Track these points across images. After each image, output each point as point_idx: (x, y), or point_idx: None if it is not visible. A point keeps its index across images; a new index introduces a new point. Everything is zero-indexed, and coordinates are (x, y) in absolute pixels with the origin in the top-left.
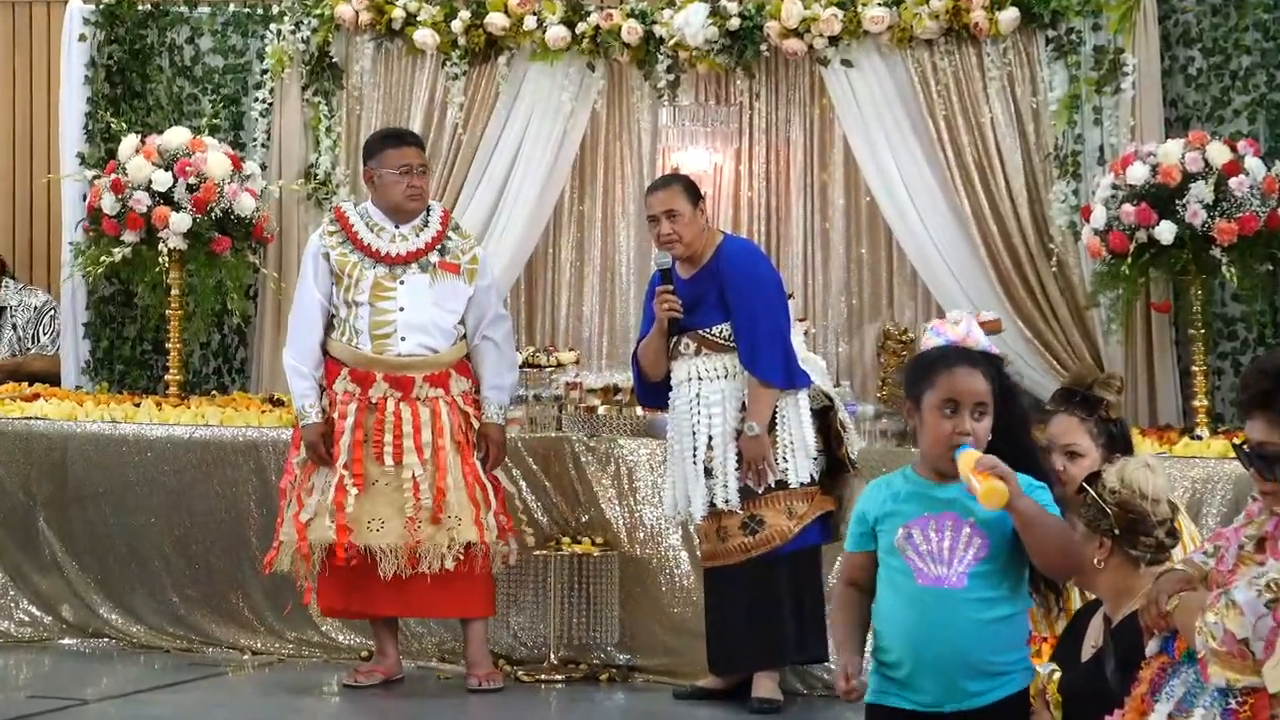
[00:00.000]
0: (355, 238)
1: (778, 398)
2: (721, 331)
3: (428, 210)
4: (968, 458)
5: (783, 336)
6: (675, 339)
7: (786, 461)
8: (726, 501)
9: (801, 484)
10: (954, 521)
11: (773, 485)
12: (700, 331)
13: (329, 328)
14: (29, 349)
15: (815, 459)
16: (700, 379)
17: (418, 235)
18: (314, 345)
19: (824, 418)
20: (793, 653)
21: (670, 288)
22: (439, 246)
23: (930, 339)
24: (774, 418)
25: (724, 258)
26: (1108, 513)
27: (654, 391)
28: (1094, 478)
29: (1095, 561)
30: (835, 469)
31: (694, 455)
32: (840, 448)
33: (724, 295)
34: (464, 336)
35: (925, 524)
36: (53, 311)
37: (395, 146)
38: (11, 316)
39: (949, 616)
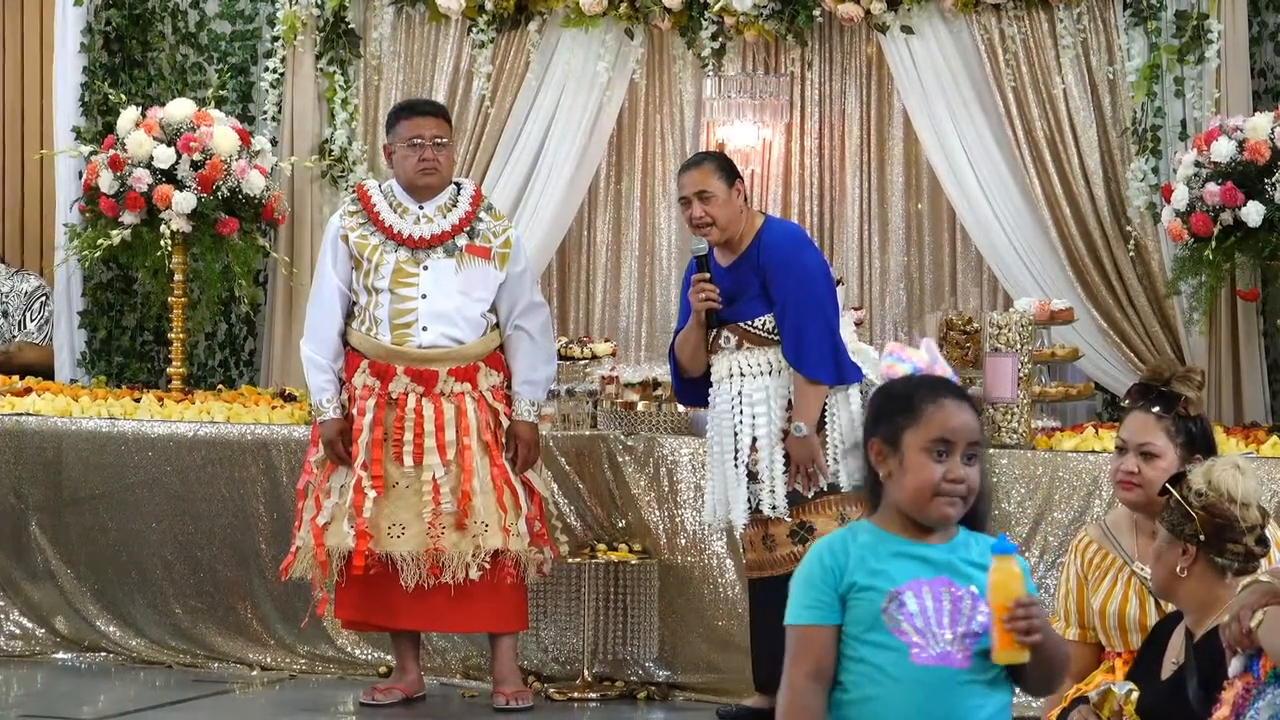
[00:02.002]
0: (377, 219)
1: (826, 395)
2: (764, 324)
3: (458, 189)
4: (1010, 577)
5: (830, 329)
6: (715, 332)
7: (837, 463)
8: (774, 508)
9: (855, 487)
10: (950, 587)
11: (823, 489)
12: (741, 324)
13: (349, 316)
14: (14, 336)
15: None
16: (742, 375)
17: (444, 216)
18: (333, 335)
19: None
20: None
21: (707, 276)
22: (468, 229)
23: (893, 366)
24: (823, 416)
25: (765, 244)
26: (1193, 517)
27: (693, 388)
28: (1178, 479)
29: (1178, 570)
30: None
31: (735, 458)
32: None
33: (766, 285)
34: (495, 326)
35: (918, 590)
36: (44, 297)
37: (407, 117)
38: (2, 303)
39: (955, 704)
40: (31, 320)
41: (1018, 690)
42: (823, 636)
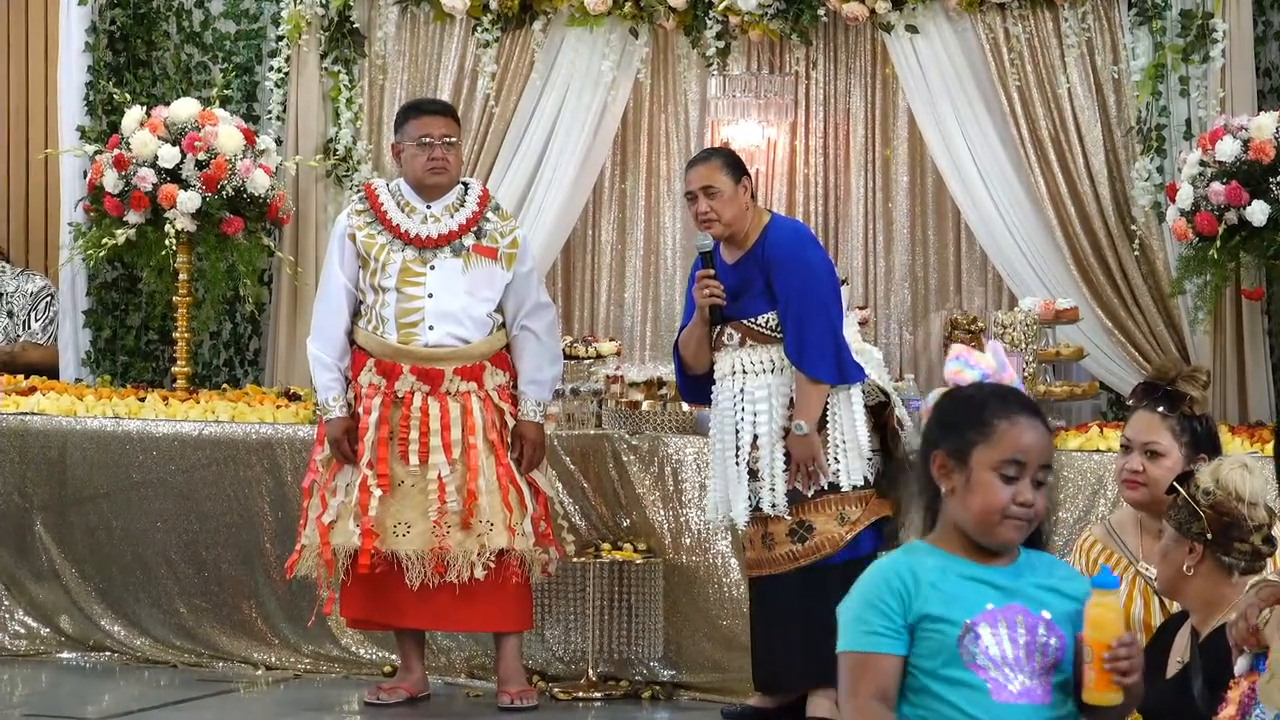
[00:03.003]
0: (384, 218)
1: (828, 394)
2: (768, 321)
3: (465, 189)
4: (1112, 614)
5: (833, 328)
6: (718, 329)
7: (838, 462)
8: (774, 506)
9: (854, 487)
10: (1024, 616)
11: (824, 488)
12: (745, 321)
13: (356, 315)
14: (18, 336)
15: (870, 459)
16: (745, 373)
17: (451, 216)
18: (339, 334)
19: (879, 414)
20: None
21: (712, 272)
22: (475, 228)
23: (960, 372)
24: (824, 415)
25: (770, 241)
26: (1200, 516)
27: (697, 385)
28: (1186, 478)
29: (1184, 568)
30: (892, 470)
31: (736, 455)
32: (898, 447)
33: (770, 282)
34: (502, 326)
35: (993, 620)
36: (49, 297)
37: (416, 117)
38: (7, 303)
39: None
40: (36, 320)
41: None
42: (887, 665)
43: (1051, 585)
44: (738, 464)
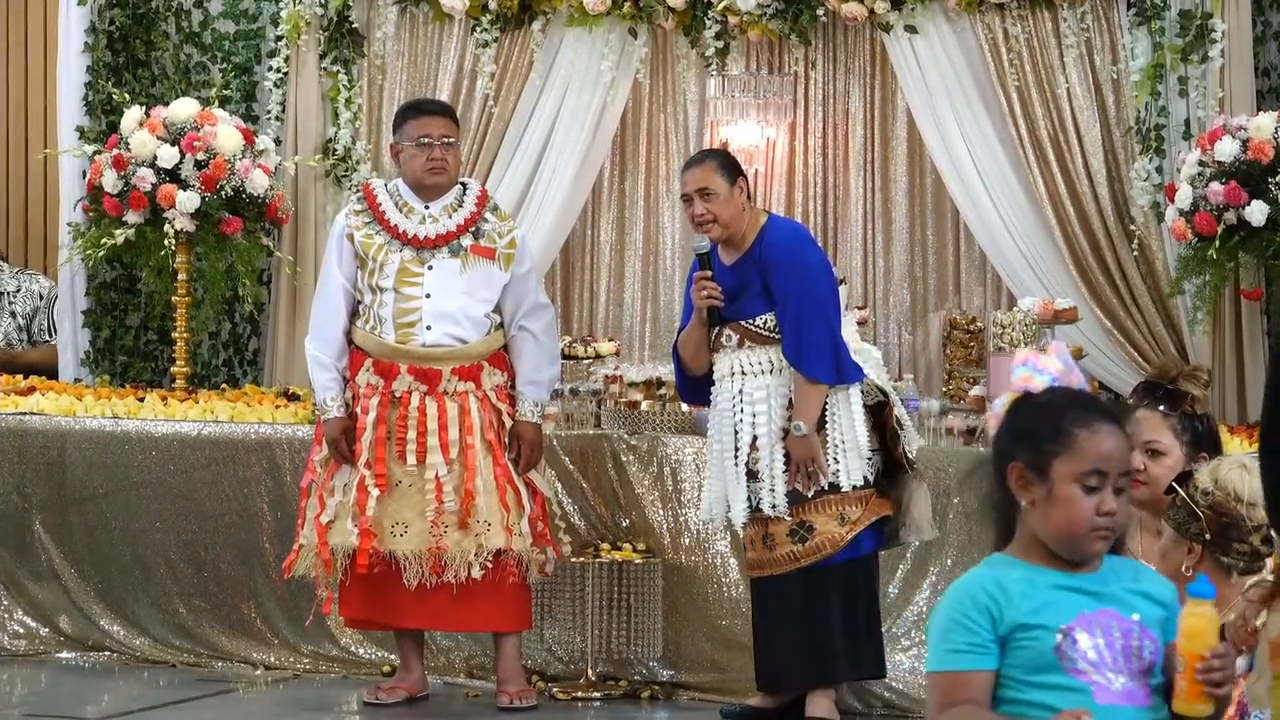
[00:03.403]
0: (382, 218)
1: (826, 394)
2: (766, 322)
3: (463, 189)
4: (1208, 623)
5: (831, 329)
6: (717, 330)
7: (838, 463)
8: (774, 507)
9: (854, 487)
10: (1118, 620)
11: (824, 488)
12: (743, 322)
13: (354, 315)
14: (24, 338)
15: (869, 459)
16: (744, 374)
17: (450, 216)
18: (337, 334)
19: (879, 414)
20: (847, 669)
21: (709, 274)
22: (473, 229)
23: (1029, 377)
24: (823, 415)
25: (768, 242)
26: (1199, 515)
27: (696, 386)
28: (1185, 477)
29: (1184, 569)
30: (892, 469)
31: (735, 456)
32: (897, 446)
33: (768, 283)
34: (500, 326)
35: (1089, 624)
36: (55, 298)
37: (415, 117)
38: (10, 304)
39: None
40: (47, 320)
41: None
42: (980, 681)
43: (1140, 589)
44: (737, 465)
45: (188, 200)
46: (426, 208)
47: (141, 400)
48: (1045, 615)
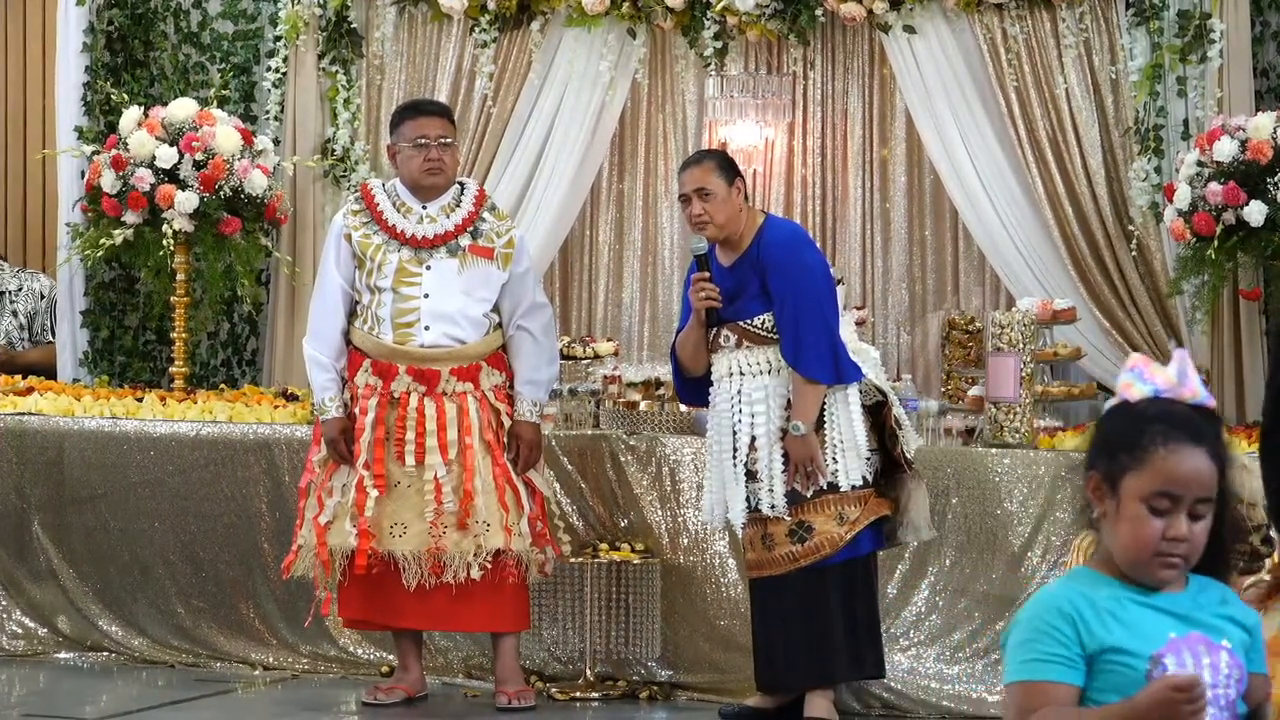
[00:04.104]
0: (380, 218)
1: (824, 394)
2: (764, 323)
3: (461, 189)
4: None
5: (828, 329)
6: (715, 331)
7: (836, 462)
8: (773, 507)
9: (853, 487)
10: (1206, 645)
11: (822, 488)
12: (741, 323)
13: (352, 315)
14: (25, 337)
15: (868, 459)
16: (742, 374)
17: (448, 216)
18: (335, 334)
19: (877, 414)
20: (847, 669)
21: (707, 275)
22: (471, 229)
23: (1130, 385)
24: (822, 415)
25: (765, 242)
26: None
27: (694, 387)
28: None
29: None
30: (890, 470)
31: (734, 456)
32: (895, 447)
33: (765, 284)
34: (498, 326)
35: (1177, 650)
36: (56, 298)
37: (412, 118)
38: (12, 302)
39: None
40: (49, 321)
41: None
42: (1064, 694)
43: (1227, 614)
44: (735, 465)
45: (186, 200)
46: (424, 208)
47: (140, 400)
48: (1135, 640)
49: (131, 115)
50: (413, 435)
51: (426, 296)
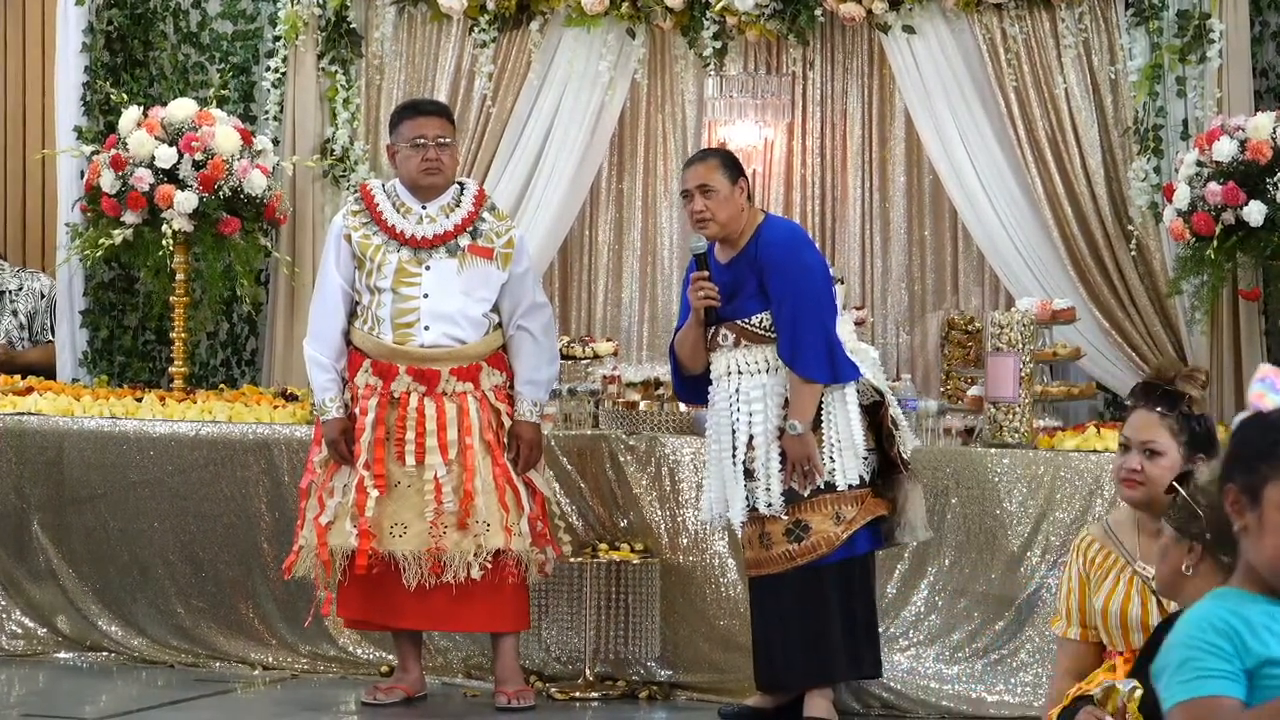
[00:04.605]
0: (380, 218)
1: (821, 393)
2: (762, 321)
3: (460, 189)
4: None
5: (826, 328)
6: (713, 329)
7: (833, 462)
8: (769, 505)
9: (850, 486)
10: None
11: (819, 487)
12: (739, 322)
13: (352, 315)
14: (25, 336)
15: (865, 459)
16: (740, 373)
17: (447, 216)
18: (335, 334)
19: (874, 414)
20: (845, 669)
21: (706, 274)
22: (470, 229)
23: (1262, 395)
24: (819, 414)
25: (763, 241)
26: (1200, 515)
27: (693, 386)
28: (1185, 477)
29: (1184, 568)
30: (887, 470)
31: (733, 455)
32: (892, 447)
33: (763, 283)
34: (498, 326)
35: None
36: (56, 298)
37: (410, 117)
38: (12, 302)
39: None
40: (49, 320)
41: (1015, 686)
42: (1230, 709)
43: None
44: (734, 464)
45: (186, 200)
46: (424, 208)
47: (139, 400)
48: None
49: (131, 115)
50: (413, 435)
51: (426, 297)
